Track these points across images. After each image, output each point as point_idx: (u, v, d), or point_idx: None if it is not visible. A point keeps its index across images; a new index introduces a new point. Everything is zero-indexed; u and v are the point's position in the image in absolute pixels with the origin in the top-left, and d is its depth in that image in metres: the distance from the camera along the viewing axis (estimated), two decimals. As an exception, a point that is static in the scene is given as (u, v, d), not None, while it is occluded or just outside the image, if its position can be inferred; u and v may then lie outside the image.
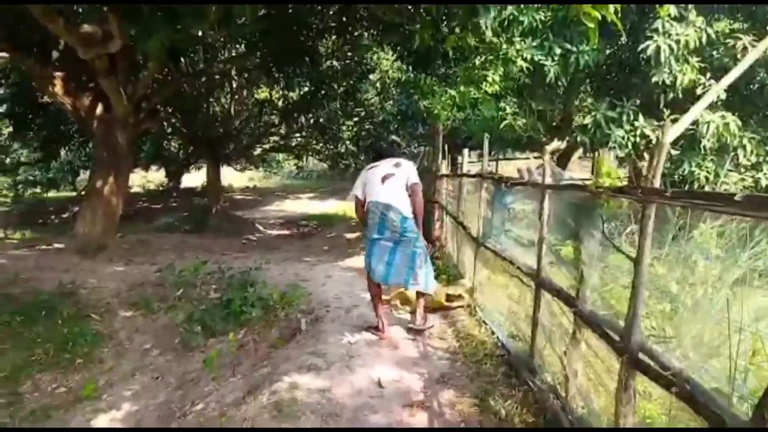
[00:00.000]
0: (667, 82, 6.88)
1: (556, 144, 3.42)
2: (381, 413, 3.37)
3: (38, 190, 22.02)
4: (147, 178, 24.63)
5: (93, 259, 9.18)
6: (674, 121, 7.86)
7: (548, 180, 3.41)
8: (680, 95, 7.27)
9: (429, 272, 4.74)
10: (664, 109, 7.43)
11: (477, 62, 7.45)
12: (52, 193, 22.07)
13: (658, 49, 6.60)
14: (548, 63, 7.08)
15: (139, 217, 17.91)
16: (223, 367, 5.02)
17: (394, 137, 18.46)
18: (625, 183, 2.65)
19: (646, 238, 2.19)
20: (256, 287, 6.39)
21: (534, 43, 7.10)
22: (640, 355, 2.22)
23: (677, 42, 6.55)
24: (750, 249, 2.37)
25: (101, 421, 4.81)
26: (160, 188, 23.95)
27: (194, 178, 23.79)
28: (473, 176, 5.67)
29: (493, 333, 4.52)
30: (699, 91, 7.05)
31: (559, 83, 7.41)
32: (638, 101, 7.38)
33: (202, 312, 5.92)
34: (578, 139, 7.40)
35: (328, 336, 4.74)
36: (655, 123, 7.32)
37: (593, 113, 7.21)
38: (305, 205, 22.37)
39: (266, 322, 5.61)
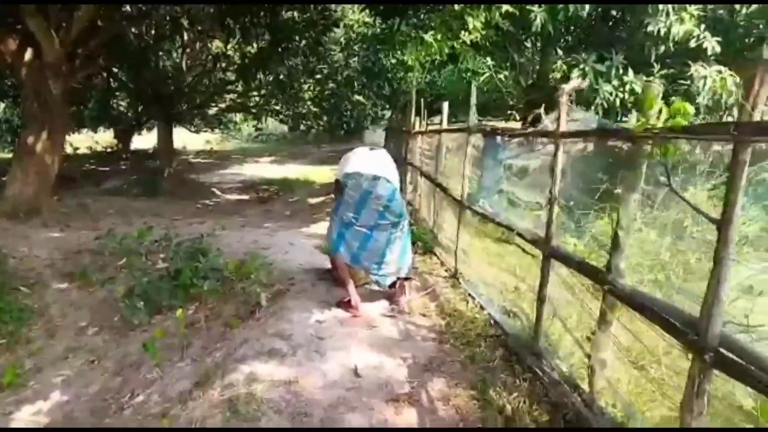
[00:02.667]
0: (662, 32, 6.32)
1: (574, 83, 2.92)
2: (360, 410, 2.77)
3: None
4: (95, 140, 23.03)
5: (25, 224, 8.20)
6: (665, 77, 7.43)
7: (564, 127, 2.79)
8: (672, 48, 6.76)
9: (408, 253, 4.24)
10: (655, 64, 6.92)
11: (456, 7, 6.70)
12: (-1, 152, 20.49)
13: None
14: (535, 8, 6.42)
15: (86, 180, 16.62)
16: (169, 349, 4.32)
17: (358, 97, 17.64)
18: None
19: (736, 192, 1.60)
20: (209, 256, 5.64)
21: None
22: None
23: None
24: None
25: (23, 414, 4.07)
26: (108, 150, 22.45)
27: (146, 140, 22.39)
28: (458, 130, 5.01)
29: (482, 309, 3.95)
30: (693, 44, 6.54)
31: (544, 32, 6.76)
32: (626, 55, 6.82)
33: (145, 285, 5.16)
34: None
35: (292, 313, 4.08)
36: (645, 78, 6.79)
37: (581, 66, 6.62)
38: (265, 168, 21.34)
39: (221, 296, 4.91)
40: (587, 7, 6.47)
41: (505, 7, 6.36)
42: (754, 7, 6.47)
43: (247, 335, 3.85)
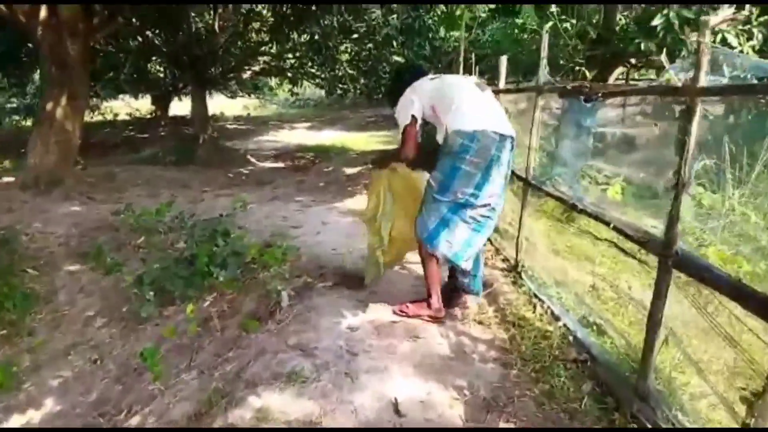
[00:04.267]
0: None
1: (725, 13, 2.16)
2: (402, 473, 2.03)
3: (18, 117, 20.49)
4: (134, 107, 22.78)
5: (46, 196, 7.74)
6: (762, 24, 6.23)
7: (703, 81, 1.91)
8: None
9: None
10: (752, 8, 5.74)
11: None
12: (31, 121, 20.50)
13: None
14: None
15: (125, 147, 16.40)
16: (179, 351, 3.69)
17: (396, 57, 16.59)
18: None
19: None
20: (231, 238, 4.98)
21: None
22: None
23: None
24: None
25: (11, 424, 3.53)
26: (148, 117, 22.17)
27: (186, 106, 22.02)
28: (523, 89, 4.10)
29: (556, 318, 3.13)
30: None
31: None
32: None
33: (156, 272, 4.53)
34: (642, 46, 5.73)
35: (320, 317, 3.36)
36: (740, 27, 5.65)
37: (665, 11, 5.51)
38: (301, 135, 20.70)
39: (240, 288, 4.24)
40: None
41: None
42: None
43: (265, 344, 3.17)
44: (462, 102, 3.06)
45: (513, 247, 4.03)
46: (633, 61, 7.23)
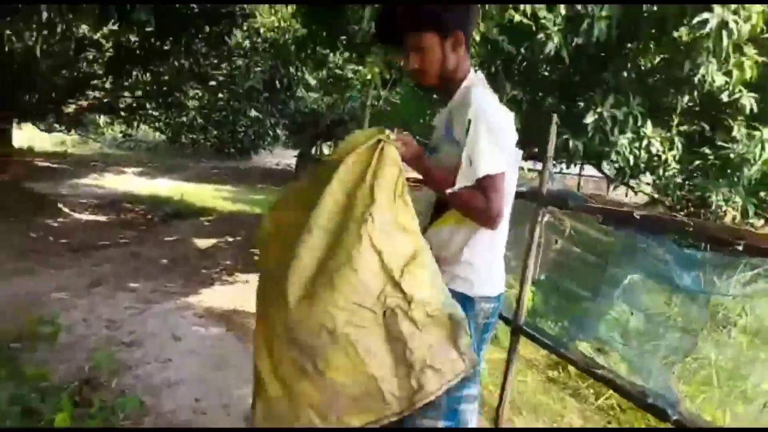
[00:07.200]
0: (708, 79, 4.90)
1: None
2: None
3: None
4: None
5: None
6: (682, 133, 6.10)
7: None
8: (696, 100, 5.44)
9: None
10: (674, 116, 5.54)
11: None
12: None
13: (721, 27, 4.55)
14: (551, 27, 4.71)
15: None
16: None
17: (256, 113, 15.18)
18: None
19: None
20: (22, 378, 3.11)
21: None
22: None
23: (742, 21, 4.57)
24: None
25: None
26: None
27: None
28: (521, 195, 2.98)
29: None
30: (725, 98, 5.22)
31: (560, 59, 5.07)
32: (643, 101, 5.35)
33: None
34: (569, 144, 5.16)
35: None
36: (663, 133, 5.38)
37: (599, 110, 5.01)
38: (130, 181, 17.95)
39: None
40: (605, 28, 4.86)
41: (517, 16, 4.59)
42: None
43: None
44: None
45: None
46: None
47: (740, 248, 1.77)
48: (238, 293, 5.67)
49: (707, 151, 5.32)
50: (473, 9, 2.03)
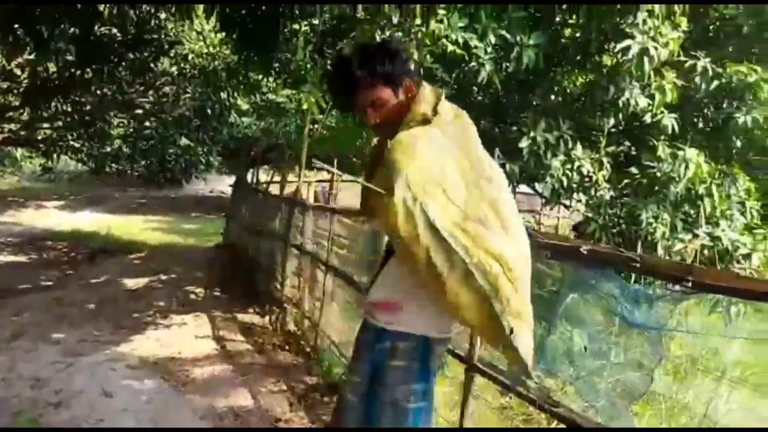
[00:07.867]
0: (632, 102, 5.16)
1: None
2: None
3: None
4: None
5: None
6: (609, 154, 6.38)
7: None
8: (621, 122, 5.70)
9: None
10: (601, 137, 5.78)
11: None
12: None
13: (642, 53, 4.80)
14: (482, 55, 4.81)
15: None
16: None
17: (186, 141, 14.70)
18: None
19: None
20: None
21: (461, 23, 4.78)
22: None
23: (661, 46, 4.83)
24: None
25: None
26: None
27: None
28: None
29: None
30: (648, 119, 5.51)
31: (492, 85, 5.19)
32: (572, 124, 5.57)
33: None
34: (506, 168, 5.25)
35: None
36: (592, 155, 5.60)
37: (532, 135, 5.15)
38: (51, 216, 16.94)
39: None
40: (533, 56, 5.03)
41: (450, 46, 4.63)
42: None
43: None
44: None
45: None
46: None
47: (689, 285, 1.80)
48: (174, 338, 5.35)
49: (634, 170, 5.57)
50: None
